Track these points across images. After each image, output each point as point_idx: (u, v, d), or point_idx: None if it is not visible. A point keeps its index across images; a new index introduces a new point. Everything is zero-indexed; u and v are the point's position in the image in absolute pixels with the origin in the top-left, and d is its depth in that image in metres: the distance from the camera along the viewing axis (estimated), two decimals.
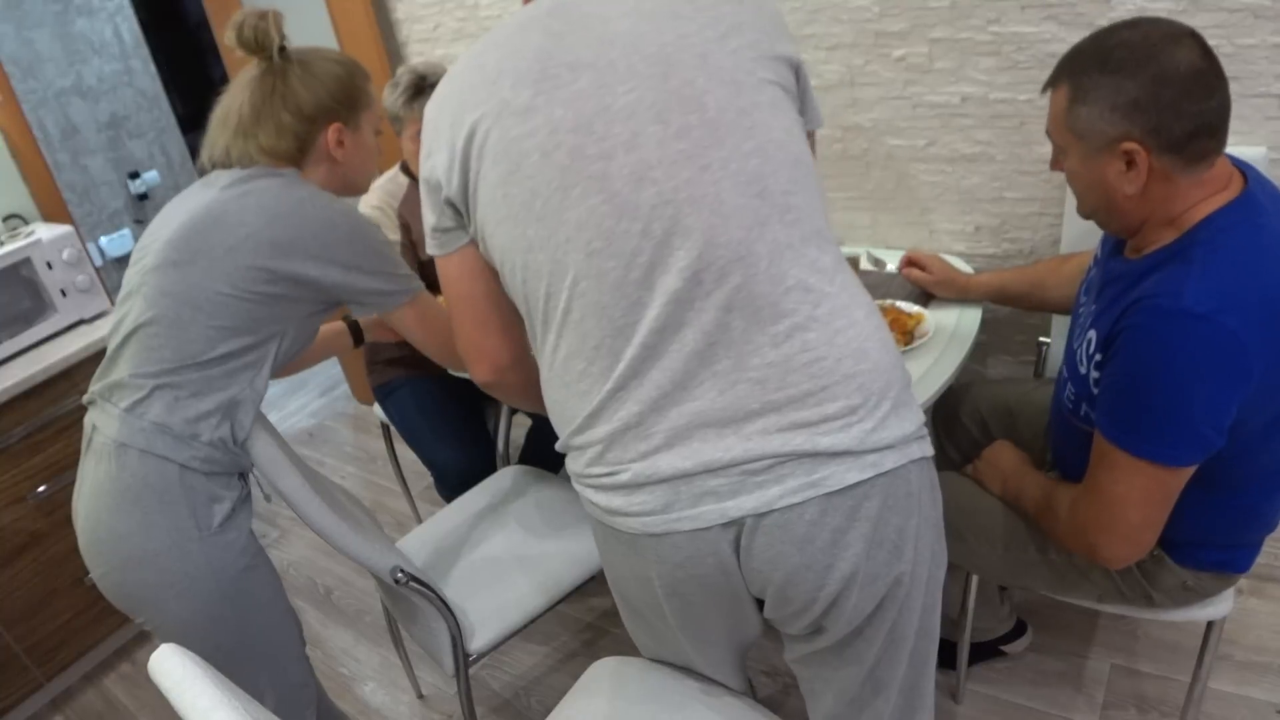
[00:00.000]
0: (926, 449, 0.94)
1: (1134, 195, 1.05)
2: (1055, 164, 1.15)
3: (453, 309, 1.08)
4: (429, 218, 1.03)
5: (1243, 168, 1.08)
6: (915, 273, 1.67)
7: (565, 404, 0.96)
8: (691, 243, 0.87)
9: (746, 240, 0.88)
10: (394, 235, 1.97)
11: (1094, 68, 1.02)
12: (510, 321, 1.06)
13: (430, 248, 1.05)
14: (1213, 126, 1.00)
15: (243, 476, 1.33)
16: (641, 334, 0.89)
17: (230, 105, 1.25)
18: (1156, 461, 1.03)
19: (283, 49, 1.25)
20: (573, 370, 0.94)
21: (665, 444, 0.89)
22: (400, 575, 1.35)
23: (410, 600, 1.45)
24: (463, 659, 1.47)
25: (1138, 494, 1.06)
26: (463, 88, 0.97)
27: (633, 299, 0.89)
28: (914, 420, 0.93)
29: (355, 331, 1.66)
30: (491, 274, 1.02)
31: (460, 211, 0.99)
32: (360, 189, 1.38)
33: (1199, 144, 1.00)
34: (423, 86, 1.90)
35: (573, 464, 1.00)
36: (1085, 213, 1.15)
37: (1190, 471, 1.05)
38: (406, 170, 2.05)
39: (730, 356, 0.88)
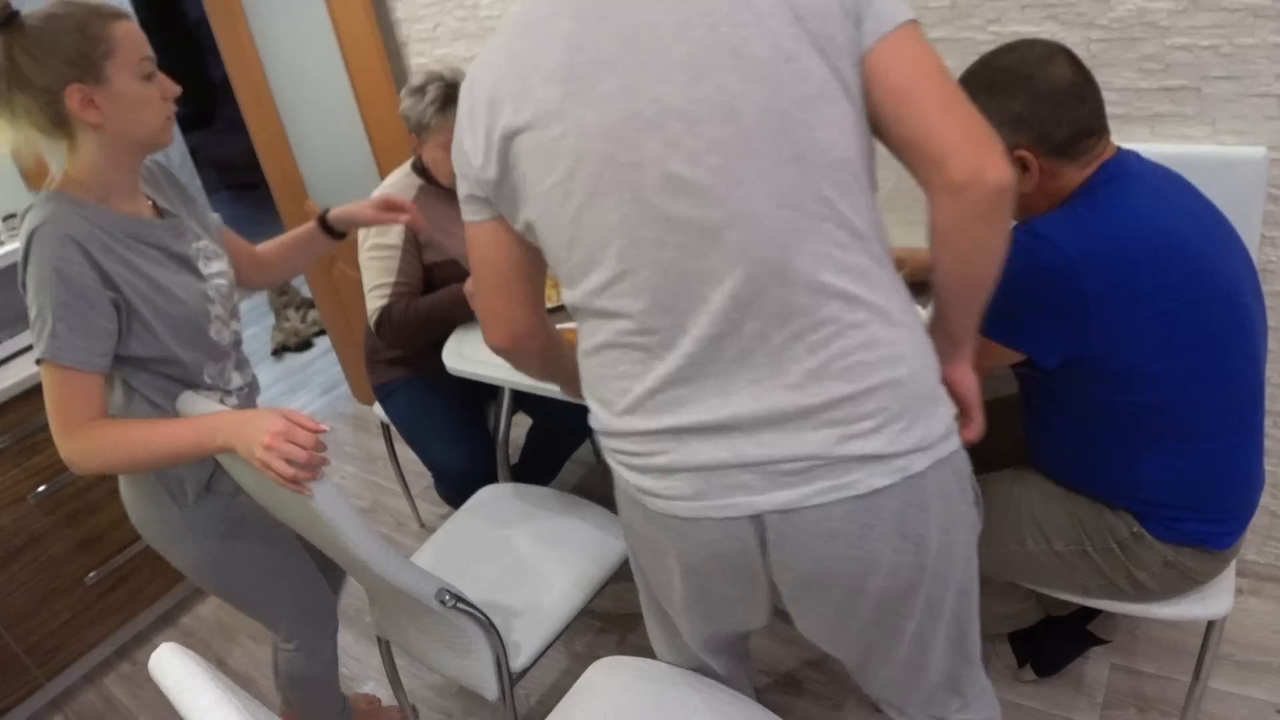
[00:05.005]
0: (954, 443, 0.96)
1: (1031, 192, 1.22)
2: None
3: (476, 272, 1.09)
4: (461, 188, 1.04)
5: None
6: None
7: (604, 386, 1.00)
8: (729, 258, 0.87)
9: (784, 255, 0.87)
10: (393, 240, 1.95)
11: (982, 92, 1.17)
12: (532, 294, 1.08)
13: (464, 214, 1.06)
14: (1089, 128, 1.17)
15: None
16: (682, 341, 0.91)
17: None
18: (986, 334, 1.18)
19: (9, 19, 1.13)
20: (610, 358, 0.97)
21: (702, 435, 0.93)
22: (447, 597, 1.32)
23: (446, 627, 1.40)
24: (508, 678, 1.44)
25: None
26: (498, 75, 0.95)
27: (670, 306, 0.91)
28: (944, 418, 0.95)
29: (326, 226, 1.59)
30: (520, 247, 1.03)
31: (489, 200, 1.01)
32: (153, 142, 1.24)
33: (1079, 144, 1.18)
34: (452, 95, 1.83)
35: (607, 441, 1.03)
36: None
37: (1000, 354, 1.22)
38: (418, 170, 2.02)
39: (768, 364, 0.90)
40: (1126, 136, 1.56)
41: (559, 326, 1.78)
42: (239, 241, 1.55)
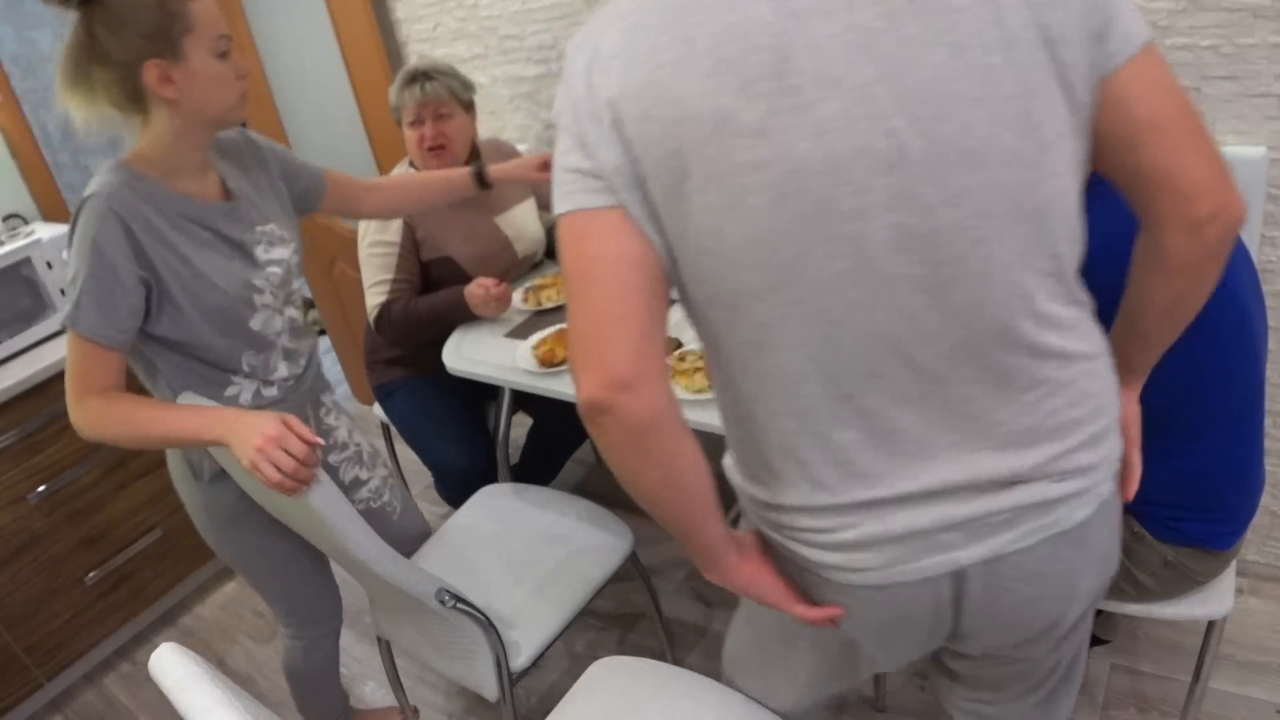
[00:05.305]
0: (1121, 452, 0.91)
1: None
2: None
3: (577, 285, 0.78)
4: (569, 159, 0.78)
5: None
6: None
7: (765, 452, 0.85)
8: (950, 321, 0.76)
9: (1010, 318, 0.77)
10: (392, 236, 1.96)
11: None
12: (654, 323, 0.79)
13: (564, 199, 0.78)
14: None
15: None
16: (878, 404, 0.79)
17: (58, 65, 1.20)
18: None
19: None
20: (782, 427, 0.82)
21: (900, 505, 0.82)
22: (446, 597, 1.32)
23: (446, 627, 1.41)
24: (508, 678, 1.44)
25: None
26: (656, 62, 0.72)
27: (871, 369, 0.78)
28: (1119, 432, 0.89)
29: (480, 178, 1.69)
30: (652, 249, 0.78)
31: (614, 188, 0.77)
32: (226, 119, 1.26)
33: None
34: (415, 76, 1.94)
35: (772, 515, 0.89)
36: None
37: None
38: (415, 167, 2.04)
39: (973, 427, 0.80)
40: None
41: (564, 326, 1.78)
42: (344, 178, 1.58)
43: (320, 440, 1.14)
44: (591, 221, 0.77)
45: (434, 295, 1.94)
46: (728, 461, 0.94)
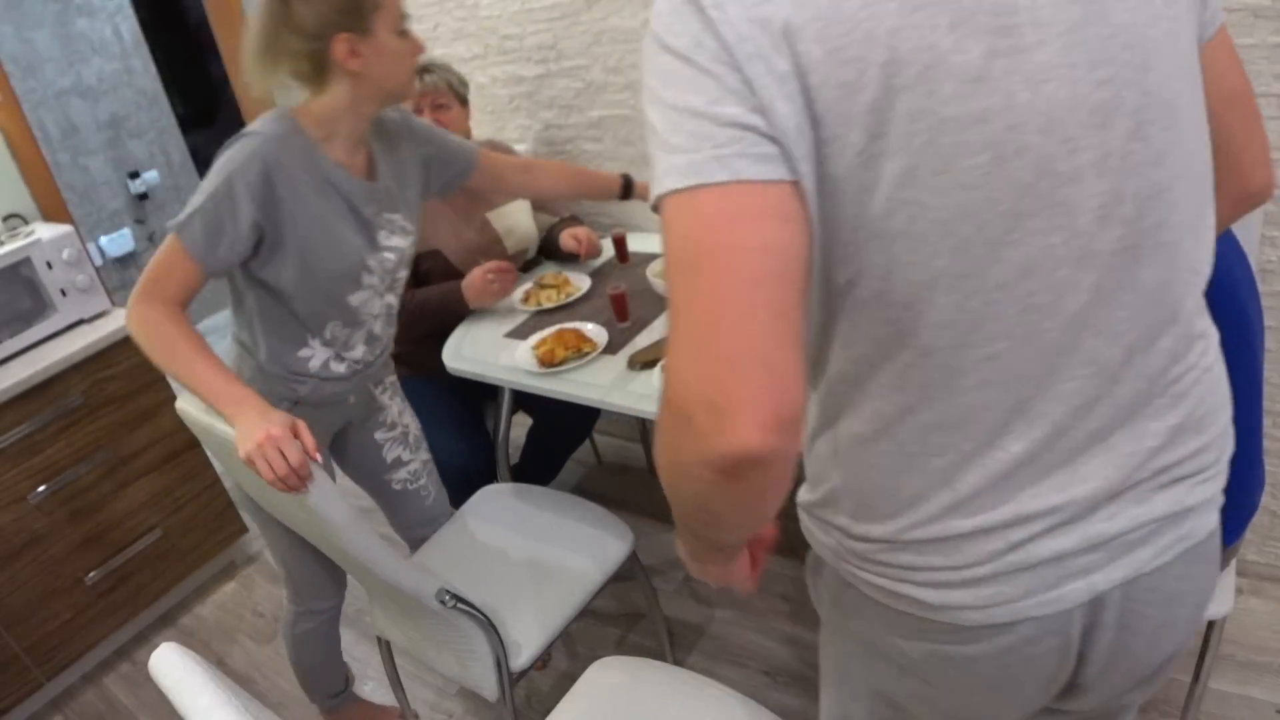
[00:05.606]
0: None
1: None
2: None
3: (720, 288, 0.56)
4: (724, 109, 0.57)
5: None
6: None
7: (909, 480, 0.71)
8: (1138, 306, 0.66)
9: (1182, 298, 0.69)
10: None
11: None
12: (800, 333, 0.60)
13: (713, 163, 0.57)
14: None
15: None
16: (1053, 412, 0.67)
17: (247, 38, 1.28)
18: None
19: None
20: (934, 442, 0.69)
21: (1044, 531, 0.70)
22: (447, 597, 1.33)
23: (446, 626, 1.41)
24: (508, 678, 1.44)
25: None
26: None
27: (1053, 365, 0.66)
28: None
29: (627, 185, 1.82)
30: (810, 243, 0.62)
31: (788, 151, 0.58)
32: (400, 94, 1.35)
33: None
34: (424, 69, 1.96)
35: (884, 554, 0.74)
36: None
37: None
38: None
39: (1128, 425, 0.70)
40: None
41: (563, 327, 1.78)
42: (495, 158, 1.64)
43: (318, 456, 1.18)
44: (756, 199, 0.58)
45: (429, 289, 1.95)
46: (814, 498, 0.80)
